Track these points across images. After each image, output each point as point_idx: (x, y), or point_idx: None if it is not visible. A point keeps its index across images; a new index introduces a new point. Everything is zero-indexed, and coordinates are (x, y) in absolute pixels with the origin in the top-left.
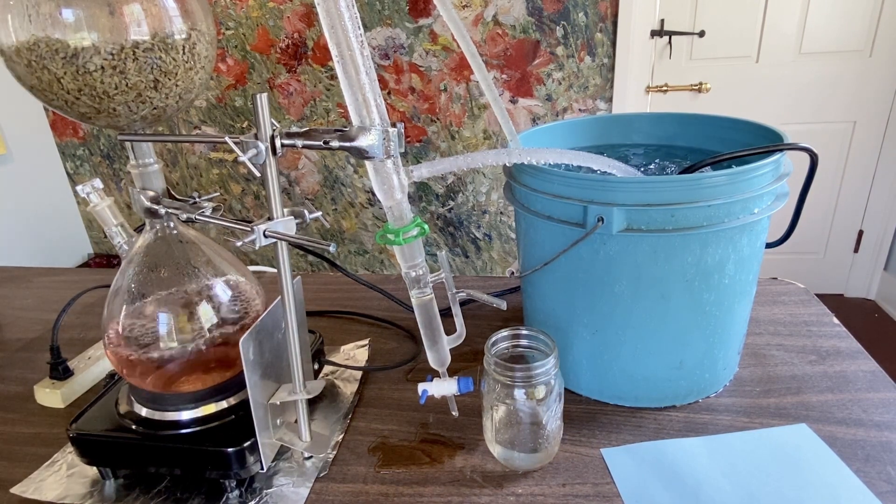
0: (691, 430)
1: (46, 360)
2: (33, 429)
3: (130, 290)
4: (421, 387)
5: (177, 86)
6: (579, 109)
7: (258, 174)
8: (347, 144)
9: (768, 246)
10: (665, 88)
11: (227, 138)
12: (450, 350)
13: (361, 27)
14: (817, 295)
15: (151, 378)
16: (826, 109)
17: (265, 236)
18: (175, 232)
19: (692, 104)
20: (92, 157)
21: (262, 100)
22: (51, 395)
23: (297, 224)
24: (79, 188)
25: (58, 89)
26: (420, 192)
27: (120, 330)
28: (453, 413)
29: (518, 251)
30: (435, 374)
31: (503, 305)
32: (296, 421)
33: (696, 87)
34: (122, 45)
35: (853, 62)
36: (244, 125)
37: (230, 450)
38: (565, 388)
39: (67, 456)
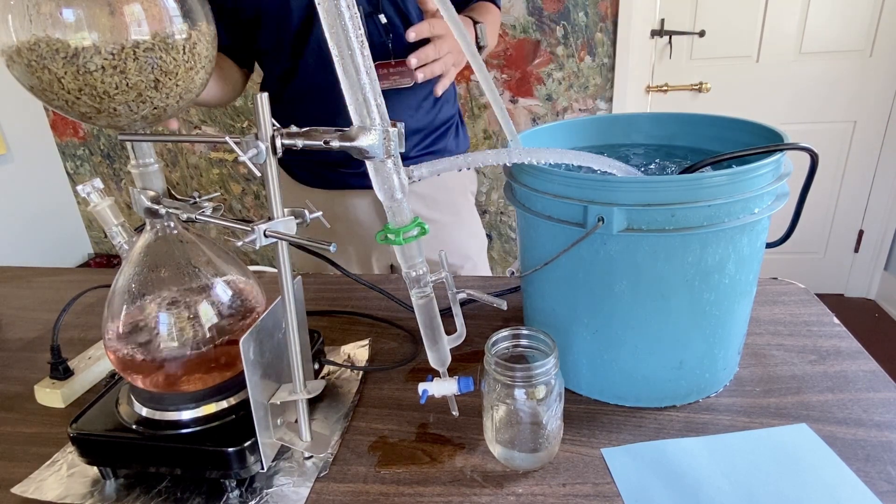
0: (691, 430)
1: (47, 360)
2: (33, 429)
3: (130, 290)
4: (421, 386)
5: (177, 86)
6: (579, 109)
7: (259, 174)
8: (347, 144)
9: (768, 246)
10: (665, 88)
11: (227, 138)
12: (450, 350)
13: (361, 27)
14: (817, 295)
15: (152, 378)
16: (826, 109)
17: (265, 236)
18: (175, 232)
19: (692, 104)
20: (92, 157)
21: (263, 99)
22: (51, 395)
23: (297, 224)
24: (79, 188)
25: (58, 89)
26: None
27: (120, 330)
28: (453, 413)
29: (518, 251)
30: (435, 374)
31: (503, 305)
32: (296, 421)
33: (697, 87)
34: (122, 44)
35: (853, 62)
36: (244, 125)
37: (230, 449)
38: (565, 388)
39: (68, 456)
